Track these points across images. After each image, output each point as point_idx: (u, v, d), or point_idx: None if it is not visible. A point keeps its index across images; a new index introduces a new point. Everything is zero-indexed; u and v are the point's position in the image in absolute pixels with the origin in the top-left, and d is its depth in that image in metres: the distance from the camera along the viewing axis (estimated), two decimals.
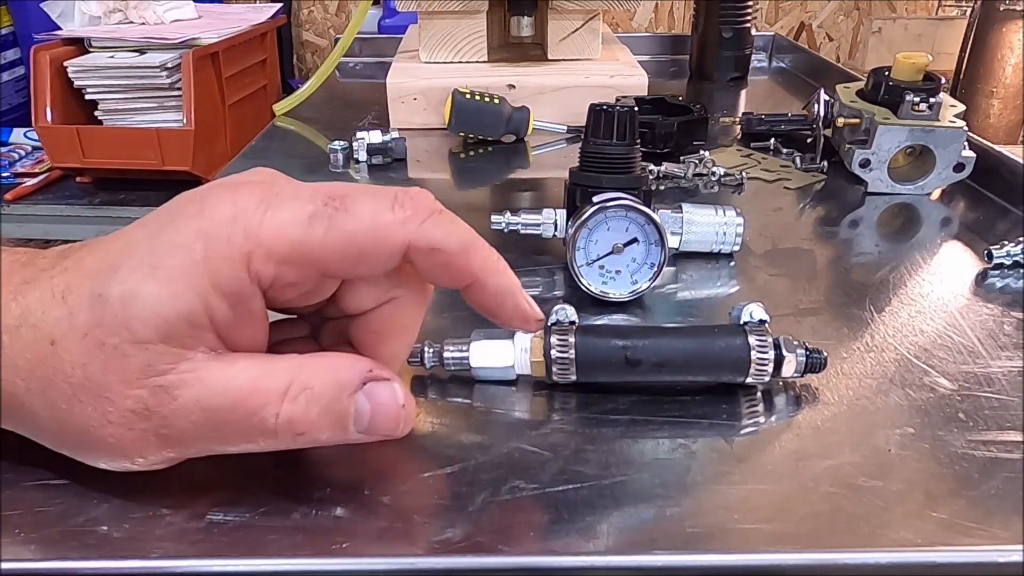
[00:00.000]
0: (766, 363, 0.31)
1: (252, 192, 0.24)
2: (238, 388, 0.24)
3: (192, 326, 0.23)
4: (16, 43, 1.56)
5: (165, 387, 0.23)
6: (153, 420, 0.24)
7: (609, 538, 0.25)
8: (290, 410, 0.24)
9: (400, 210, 0.25)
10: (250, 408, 0.24)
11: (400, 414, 0.26)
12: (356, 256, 0.25)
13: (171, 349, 0.23)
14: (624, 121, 0.41)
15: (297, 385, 0.24)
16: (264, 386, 0.24)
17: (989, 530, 0.25)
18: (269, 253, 0.24)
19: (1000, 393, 0.33)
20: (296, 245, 0.24)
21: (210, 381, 0.24)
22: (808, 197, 0.56)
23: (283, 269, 0.24)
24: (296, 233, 0.24)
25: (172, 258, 0.23)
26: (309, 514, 0.26)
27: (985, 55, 1.17)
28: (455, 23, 0.72)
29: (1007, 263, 0.44)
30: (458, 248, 0.26)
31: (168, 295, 0.23)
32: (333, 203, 0.24)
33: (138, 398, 0.23)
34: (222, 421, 0.24)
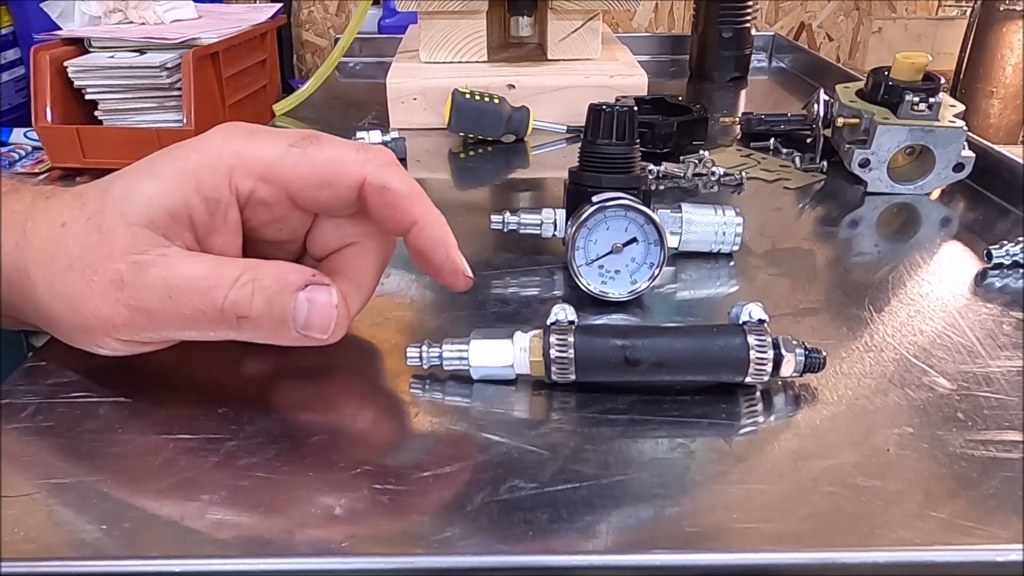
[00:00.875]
0: (765, 363, 0.31)
1: (243, 127, 0.30)
2: (197, 272, 0.28)
3: (173, 219, 0.28)
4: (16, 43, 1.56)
5: (140, 264, 0.27)
6: (126, 291, 0.27)
7: (608, 537, 0.25)
8: (237, 294, 0.28)
9: (362, 153, 0.30)
10: (204, 288, 0.28)
11: (333, 314, 0.29)
12: (319, 183, 0.30)
13: (152, 234, 0.28)
14: (624, 121, 0.42)
15: (247, 276, 0.28)
16: (218, 272, 0.28)
17: (988, 530, 0.25)
18: (249, 169, 0.29)
19: (999, 393, 0.33)
20: (272, 165, 0.29)
21: (177, 265, 0.28)
22: (808, 197, 0.56)
23: (258, 185, 0.29)
24: (273, 156, 0.29)
25: (167, 164, 0.29)
26: (309, 514, 0.26)
27: (985, 55, 1.17)
28: (455, 23, 0.72)
29: (1007, 263, 0.44)
30: (405, 192, 0.31)
31: (159, 189, 0.28)
32: (308, 139, 0.30)
33: (117, 271, 0.27)
34: (180, 298, 0.28)
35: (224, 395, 0.33)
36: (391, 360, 0.35)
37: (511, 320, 0.39)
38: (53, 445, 0.29)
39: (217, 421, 0.31)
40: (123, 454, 0.29)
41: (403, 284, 0.42)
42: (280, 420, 0.31)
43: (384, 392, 0.34)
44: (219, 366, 0.35)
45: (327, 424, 0.31)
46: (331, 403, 0.33)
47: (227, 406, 0.31)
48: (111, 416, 0.31)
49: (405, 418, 0.32)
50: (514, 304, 0.40)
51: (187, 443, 0.29)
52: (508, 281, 0.43)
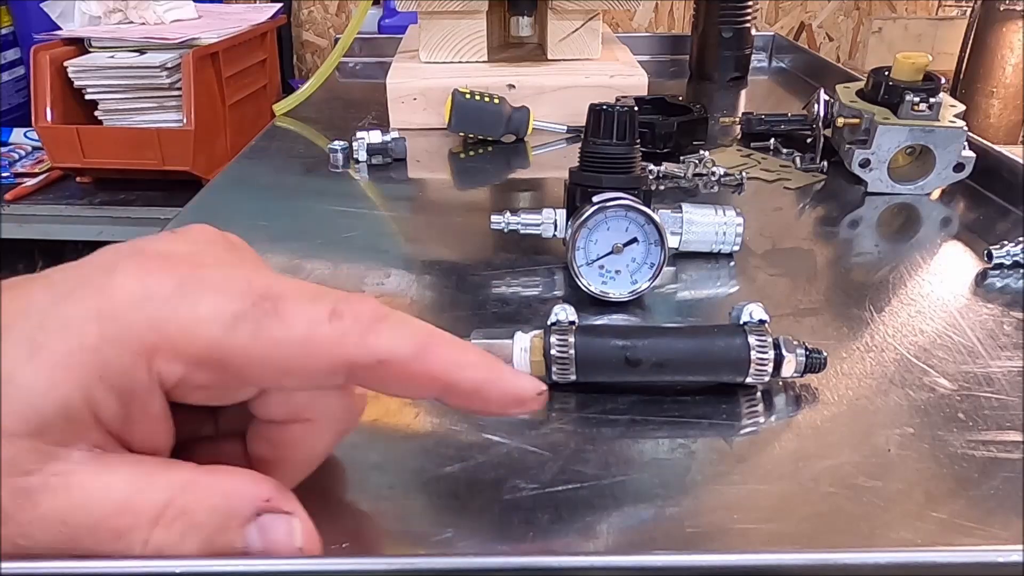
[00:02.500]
0: (766, 363, 0.31)
1: (169, 272, 0.21)
2: (105, 503, 0.20)
3: (69, 421, 0.20)
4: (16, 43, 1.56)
5: (27, 491, 0.20)
6: (10, 526, 0.20)
7: (609, 538, 0.25)
8: (162, 537, 0.20)
9: (337, 321, 0.21)
10: (115, 529, 0.20)
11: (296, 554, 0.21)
12: (282, 369, 0.21)
13: (40, 446, 0.20)
14: (624, 121, 0.41)
15: (175, 508, 0.20)
16: (135, 505, 0.20)
17: (989, 530, 0.25)
18: (177, 352, 0.20)
19: (1000, 393, 0.33)
20: (212, 348, 0.20)
21: (77, 491, 0.20)
22: (808, 197, 0.56)
23: (193, 371, 0.21)
24: (214, 333, 0.20)
25: (58, 340, 0.20)
26: (309, 514, 0.26)
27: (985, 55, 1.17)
28: (455, 23, 0.72)
29: (1007, 263, 0.44)
30: (411, 353, 0.22)
31: (45, 383, 0.19)
32: (264, 304, 0.21)
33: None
34: (81, 537, 0.20)
35: None
36: None
37: (511, 320, 0.39)
38: None
39: None
40: None
41: (403, 284, 0.42)
42: None
43: None
44: None
45: None
46: None
47: None
48: None
49: (405, 418, 0.32)
50: (514, 304, 0.40)
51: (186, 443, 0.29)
52: (508, 281, 0.43)
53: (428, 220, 0.53)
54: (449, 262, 0.45)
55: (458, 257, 0.46)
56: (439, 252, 0.47)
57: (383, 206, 0.56)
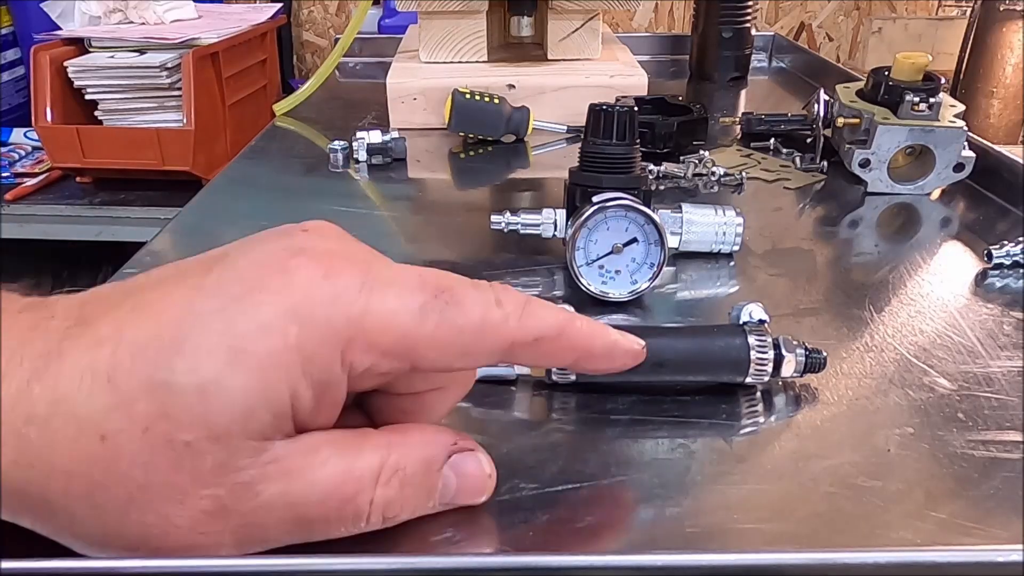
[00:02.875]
0: (765, 363, 0.31)
1: (350, 271, 0.22)
2: (328, 477, 0.22)
3: (276, 416, 0.21)
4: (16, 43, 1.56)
5: (246, 484, 0.21)
6: (232, 520, 0.21)
7: (609, 538, 0.25)
8: (384, 494, 0.22)
9: (502, 307, 0.23)
10: (343, 497, 0.22)
11: (486, 483, 0.25)
12: (461, 352, 0.23)
13: (251, 443, 0.20)
14: (624, 121, 0.41)
15: (389, 467, 0.23)
16: (356, 473, 0.22)
17: (988, 530, 0.25)
18: (372, 343, 0.21)
19: (1000, 393, 0.33)
20: (404, 337, 0.22)
21: (296, 473, 0.21)
22: (808, 197, 0.56)
23: (380, 360, 0.22)
24: (406, 325, 0.22)
25: (259, 342, 0.20)
26: None
27: (985, 55, 1.17)
28: (455, 23, 0.72)
29: (1007, 263, 0.44)
30: (558, 330, 0.24)
31: (257, 387, 0.20)
32: (443, 296, 0.23)
33: (214, 498, 0.20)
34: (311, 513, 0.22)
35: None
36: None
37: None
38: None
39: None
40: None
41: None
42: None
43: None
44: None
45: None
46: None
47: None
48: None
49: None
50: None
51: None
52: (508, 281, 0.43)
53: (428, 220, 0.53)
54: (449, 262, 0.45)
55: (458, 257, 0.46)
56: (439, 252, 0.47)
57: (383, 206, 0.56)
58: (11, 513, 0.21)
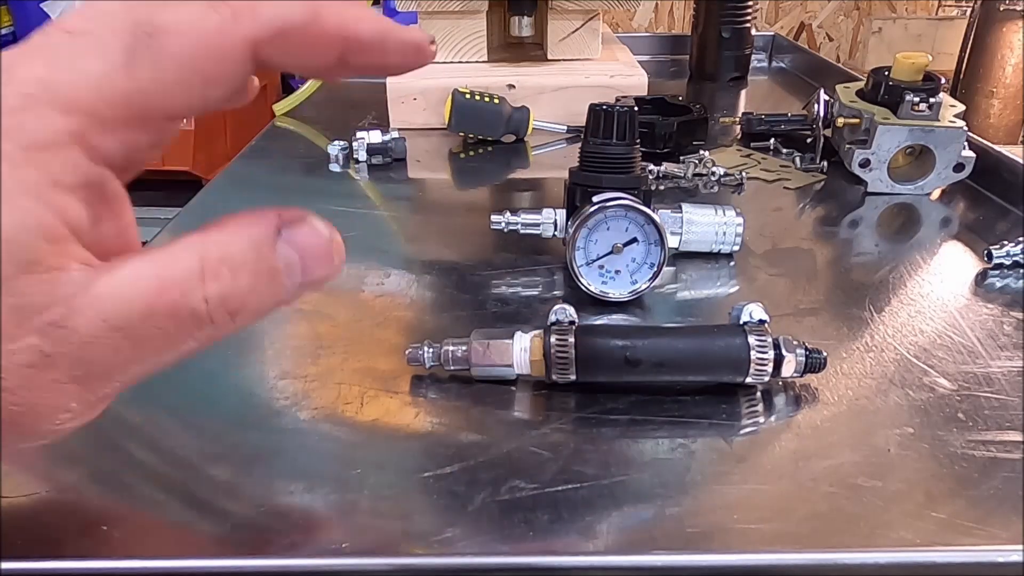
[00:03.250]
0: (766, 363, 0.31)
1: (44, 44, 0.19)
2: (145, 288, 0.19)
3: (52, 240, 0.19)
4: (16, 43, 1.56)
5: (56, 322, 0.19)
6: (62, 366, 0.19)
7: (609, 538, 0.25)
8: (217, 288, 0.20)
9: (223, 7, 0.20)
10: (170, 304, 0.19)
11: (330, 248, 0.22)
12: (202, 81, 0.20)
13: (39, 277, 0.19)
14: (624, 121, 0.41)
15: (211, 260, 0.20)
16: (174, 273, 0.20)
17: (988, 530, 0.25)
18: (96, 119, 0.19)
19: (1000, 393, 0.33)
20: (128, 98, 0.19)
21: (107, 294, 0.19)
22: (808, 197, 0.56)
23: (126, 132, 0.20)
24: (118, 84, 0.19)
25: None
26: (309, 514, 0.26)
27: (985, 55, 1.17)
28: (455, 23, 0.72)
29: (1007, 263, 0.44)
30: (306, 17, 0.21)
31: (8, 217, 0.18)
32: (143, 29, 0.19)
33: (30, 348, 0.19)
34: (144, 329, 0.19)
35: (224, 397, 0.33)
36: (391, 360, 0.35)
37: (511, 320, 0.39)
38: (54, 446, 0.29)
39: (217, 422, 0.31)
40: (124, 454, 0.29)
41: (403, 284, 0.42)
42: (280, 420, 0.31)
43: (384, 392, 0.34)
44: (219, 369, 0.35)
45: (328, 424, 0.31)
46: (332, 403, 0.33)
47: (228, 407, 0.31)
48: (111, 415, 0.31)
49: (405, 418, 0.32)
50: (514, 304, 0.40)
51: (187, 444, 0.29)
52: (508, 281, 0.43)
53: (428, 220, 0.53)
54: (449, 262, 0.45)
55: (458, 257, 0.46)
56: (439, 252, 0.47)
57: (383, 206, 0.56)
58: None
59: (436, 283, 0.36)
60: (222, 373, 0.34)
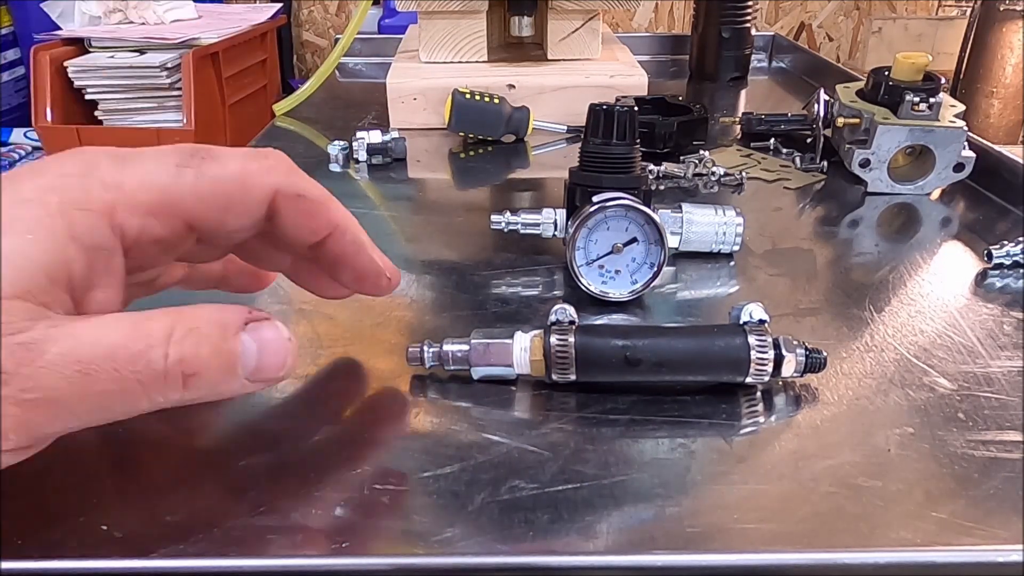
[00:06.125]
0: (766, 363, 0.31)
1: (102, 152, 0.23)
2: (116, 335, 0.21)
3: (51, 281, 0.21)
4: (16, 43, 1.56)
5: (27, 344, 0.20)
6: (13, 384, 0.20)
7: (609, 538, 0.25)
8: (179, 350, 0.22)
9: (263, 160, 0.26)
10: (134, 351, 0.21)
11: (287, 348, 0.25)
12: (225, 203, 0.25)
13: (28, 305, 0.21)
14: (624, 121, 0.41)
15: (182, 327, 0.22)
16: (145, 330, 0.22)
17: (989, 530, 0.25)
18: (135, 203, 0.23)
19: (1000, 393, 0.33)
20: (164, 193, 0.23)
21: (82, 333, 0.21)
22: (808, 197, 0.56)
23: (150, 221, 0.23)
24: (164, 180, 0.23)
25: (22, 211, 0.21)
26: (309, 514, 0.26)
27: (985, 55, 1.17)
28: (455, 23, 0.72)
29: (1007, 263, 0.44)
30: (321, 197, 0.27)
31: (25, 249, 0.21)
32: (199, 154, 0.24)
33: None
34: (101, 371, 0.21)
35: None
36: (391, 360, 0.35)
37: (511, 320, 0.39)
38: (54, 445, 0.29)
39: (217, 422, 0.31)
40: (124, 454, 0.29)
41: (403, 284, 0.42)
42: (280, 421, 0.31)
43: (384, 392, 0.34)
44: None
45: (327, 424, 0.31)
46: (332, 404, 0.33)
47: (227, 407, 0.31)
48: None
49: (405, 418, 0.32)
50: (514, 304, 0.40)
51: (187, 444, 0.29)
52: (508, 281, 0.43)
53: (428, 220, 0.53)
54: (449, 262, 0.45)
55: (458, 257, 0.46)
56: (439, 252, 0.47)
57: (383, 206, 0.56)
58: None
59: (436, 283, 0.36)
60: None
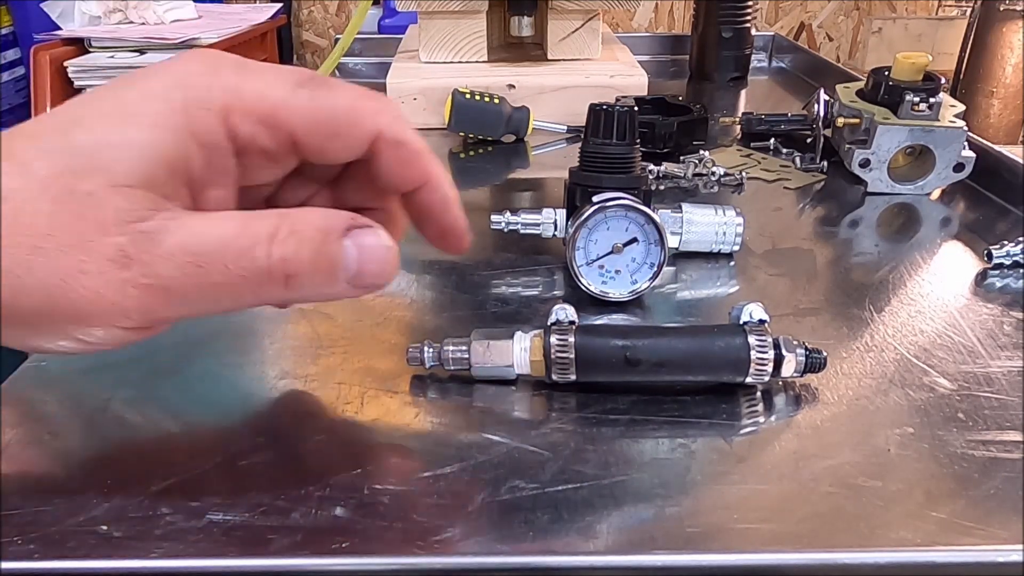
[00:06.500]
0: (766, 363, 0.31)
1: (228, 58, 0.24)
2: (226, 231, 0.23)
3: (172, 173, 0.23)
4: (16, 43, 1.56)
5: (148, 233, 0.22)
6: (134, 268, 0.22)
7: (609, 538, 0.25)
8: (282, 249, 0.23)
9: (374, 101, 0.26)
10: (240, 247, 0.23)
11: (387, 256, 0.25)
12: (332, 131, 0.25)
13: (151, 195, 0.22)
14: (624, 121, 0.41)
15: (285, 228, 0.23)
16: (252, 229, 0.23)
17: (988, 530, 0.25)
18: (250, 110, 0.24)
19: (1000, 393, 0.33)
20: (278, 106, 0.24)
21: (195, 226, 0.23)
22: (808, 197, 0.56)
23: (260, 130, 0.24)
24: (280, 94, 0.24)
25: (148, 105, 0.23)
26: (309, 514, 0.26)
27: (985, 55, 1.17)
28: (455, 23, 0.72)
29: (1007, 263, 0.44)
30: (420, 148, 0.27)
31: (149, 139, 0.22)
32: (316, 80, 0.25)
33: (117, 245, 0.22)
34: (211, 263, 0.23)
35: (225, 396, 0.33)
36: (391, 360, 0.35)
37: (511, 320, 0.39)
38: (54, 445, 0.29)
39: (217, 422, 0.31)
40: (124, 454, 0.29)
41: (403, 284, 0.42)
42: (280, 421, 0.31)
43: (384, 392, 0.34)
44: (219, 369, 0.35)
45: (328, 424, 0.31)
46: (332, 403, 0.33)
47: (228, 407, 0.31)
48: (111, 416, 0.31)
49: (405, 418, 0.32)
50: (514, 304, 0.40)
51: (187, 444, 0.29)
52: (508, 281, 0.43)
53: None
54: (449, 262, 0.45)
55: (458, 257, 0.46)
56: (439, 252, 0.47)
57: None
58: None
59: (436, 283, 0.36)
60: (222, 373, 0.34)
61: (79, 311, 0.22)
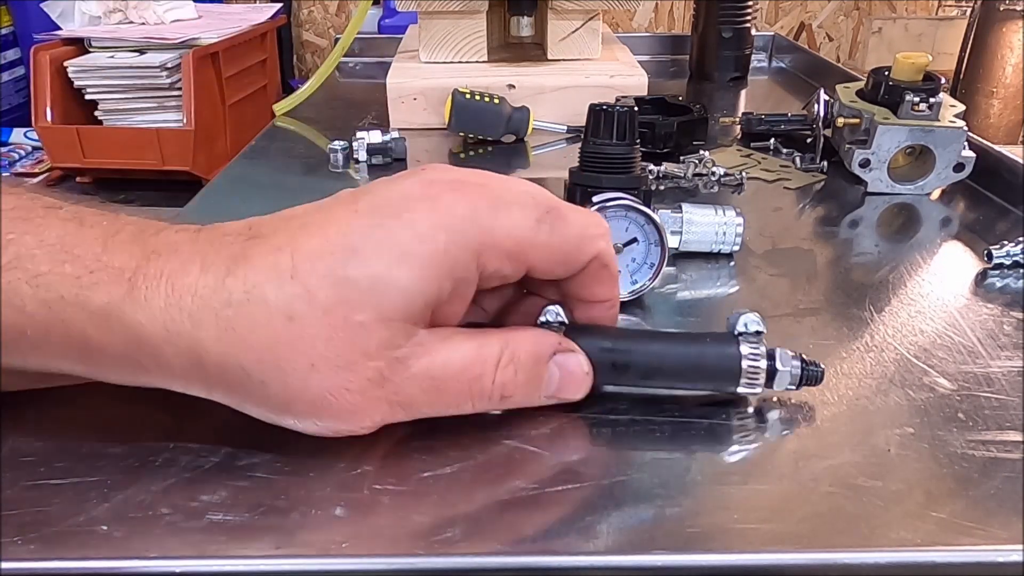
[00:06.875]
0: (758, 375, 0.30)
1: (479, 193, 0.27)
2: (461, 359, 0.27)
3: (427, 306, 0.26)
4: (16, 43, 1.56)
5: (401, 359, 0.26)
6: (387, 388, 0.26)
7: (609, 538, 0.25)
8: (503, 377, 0.28)
9: (595, 227, 0.29)
10: (472, 375, 0.28)
11: (584, 380, 0.30)
12: (563, 258, 0.29)
13: (407, 326, 0.26)
14: (624, 121, 0.41)
15: (507, 355, 0.28)
16: (482, 356, 0.28)
17: (988, 530, 0.25)
18: (500, 249, 0.27)
19: (1000, 393, 0.33)
20: (524, 244, 0.28)
21: (437, 353, 0.27)
22: (808, 197, 0.56)
23: (505, 264, 0.28)
24: (525, 233, 0.27)
25: (419, 247, 0.26)
26: (309, 514, 0.26)
27: (985, 55, 1.17)
28: (455, 23, 0.72)
29: (1007, 263, 0.44)
30: (617, 273, 0.31)
31: (418, 281, 0.26)
32: (553, 213, 0.28)
33: (376, 369, 0.26)
34: (447, 387, 0.27)
35: None
36: None
37: None
38: (54, 445, 0.29)
39: (217, 422, 0.31)
40: (124, 454, 0.29)
41: None
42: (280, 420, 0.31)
43: None
44: None
45: None
46: None
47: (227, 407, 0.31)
48: (111, 415, 0.31)
49: None
50: None
51: (187, 444, 0.29)
52: None
53: None
54: None
55: None
56: None
57: None
58: (206, 387, 0.27)
59: None
60: None
61: (337, 417, 0.27)
